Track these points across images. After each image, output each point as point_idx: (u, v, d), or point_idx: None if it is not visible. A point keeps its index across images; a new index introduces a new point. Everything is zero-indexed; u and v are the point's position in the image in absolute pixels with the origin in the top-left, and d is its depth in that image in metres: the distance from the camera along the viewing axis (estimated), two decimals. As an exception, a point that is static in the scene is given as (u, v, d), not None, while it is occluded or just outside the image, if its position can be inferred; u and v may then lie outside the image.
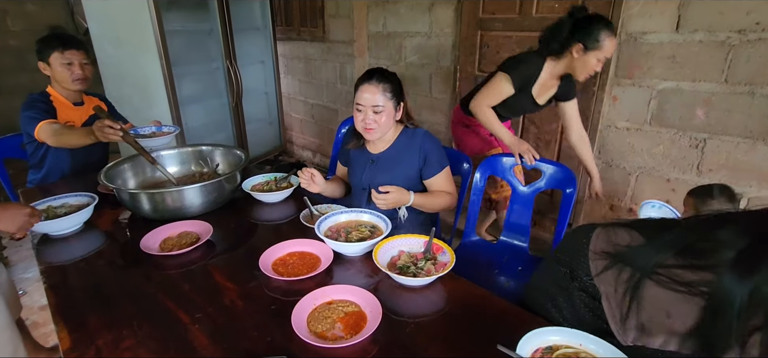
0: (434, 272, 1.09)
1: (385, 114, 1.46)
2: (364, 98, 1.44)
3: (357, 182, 1.64)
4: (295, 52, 4.28)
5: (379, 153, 1.59)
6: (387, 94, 1.45)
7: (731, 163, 1.95)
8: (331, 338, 0.91)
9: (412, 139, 1.56)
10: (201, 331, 0.95)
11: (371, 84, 1.44)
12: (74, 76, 1.85)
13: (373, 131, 1.48)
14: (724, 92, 1.89)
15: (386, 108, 1.45)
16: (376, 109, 1.44)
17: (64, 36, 1.86)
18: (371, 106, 1.44)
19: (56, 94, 1.90)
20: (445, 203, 1.56)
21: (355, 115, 1.50)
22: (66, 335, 0.94)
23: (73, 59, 1.85)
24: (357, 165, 1.65)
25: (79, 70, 1.86)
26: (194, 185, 1.43)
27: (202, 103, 3.33)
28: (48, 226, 1.34)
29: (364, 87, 1.45)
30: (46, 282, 1.13)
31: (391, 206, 1.46)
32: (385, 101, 1.45)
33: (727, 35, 1.84)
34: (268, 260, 1.18)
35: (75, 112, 1.94)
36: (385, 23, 3.23)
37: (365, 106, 1.45)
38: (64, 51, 1.83)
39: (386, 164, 1.57)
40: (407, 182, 1.53)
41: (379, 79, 1.44)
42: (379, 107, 1.44)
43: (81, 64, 1.88)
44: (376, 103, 1.44)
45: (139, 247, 1.25)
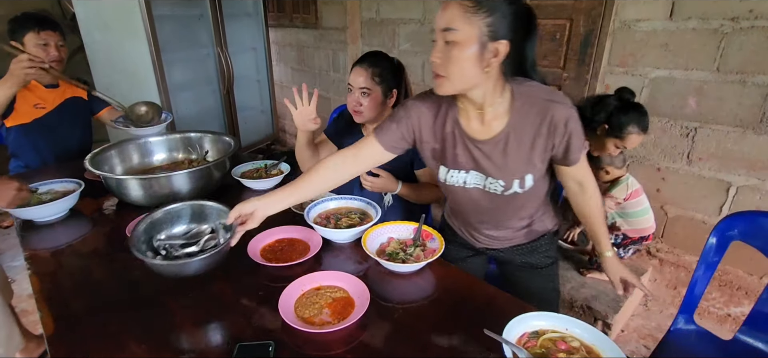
0: (423, 259, 1.09)
1: (371, 98, 1.46)
2: (353, 78, 1.47)
3: None
4: (287, 39, 4.23)
5: None
6: (375, 79, 1.44)
7: (721, 152, 1.96)
8: (318, 323, 0.91)
9: None
10: (188, 317, 0.95)
11: (362, 66, 1.45)
12: (50, 57, 1.81)
13: (359, 114, 1.49)
14: (715, 81, 1.89)
15: (373, 92, 1.45)
16: (363, 92, 1.45)
17: (39, 16, 1.81)
18: (359, 88, 1.45)
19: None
20: (433, 195, 1.56)
21: (348, 96, 1.51)
22: (50, 321, 0.93)
23: (49, 40, 1.80)
24: None
25: (55, 51, 1.82)
26: (182, 171, 1.41)
27: (192, 90, 3.28)
28: (33, 212, 1.32)
29: (356, 69, 1.46)
30: (31, 268, 1.12)
31: (378, 189, 1.47)
32: (373, 85, 1.45)
33: (721, 23, 1.83)
34: (256, 247, 1.18)
35: (47, 94, 1.89)
36: (378, 10, 3.20)
37: (354, 87, 1.47)
38: (40, 31, 1.78)
39: None
40: (399, 170, 1.52)
41: (371, 63, 1.45)
42: (367, 90, 1.45)
43: (57, 45, 1.83)
44: (363, 85, 1.44)
45: (126, 233, 1.23)
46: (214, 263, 1.00)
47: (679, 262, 2.22)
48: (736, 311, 1.99)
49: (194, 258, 0.96)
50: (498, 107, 0.98)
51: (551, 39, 2.36)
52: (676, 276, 2.19)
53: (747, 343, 1.25)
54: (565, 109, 0.95)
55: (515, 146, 0.99)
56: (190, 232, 1.13)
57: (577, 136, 0.97)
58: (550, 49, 2.39)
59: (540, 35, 2.40)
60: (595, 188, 1.11)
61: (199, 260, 0.96)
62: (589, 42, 2.21)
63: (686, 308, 1.33)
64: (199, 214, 1.15)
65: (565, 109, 0.95)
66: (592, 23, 2.19)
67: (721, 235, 1.26)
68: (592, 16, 2.18)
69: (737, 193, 1.97)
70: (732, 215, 1.25)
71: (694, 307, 1.32)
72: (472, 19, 0.86)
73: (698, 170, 2.05)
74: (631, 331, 1.95)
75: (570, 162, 1.01)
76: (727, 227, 1.26)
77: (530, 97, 0.96)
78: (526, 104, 0.97)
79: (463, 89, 0.95)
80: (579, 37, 2.26)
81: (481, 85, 0.94)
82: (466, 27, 0.87)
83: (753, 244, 1.24)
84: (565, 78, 2.38)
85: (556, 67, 2.39)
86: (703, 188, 2.06)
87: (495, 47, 0.88)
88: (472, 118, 1.02)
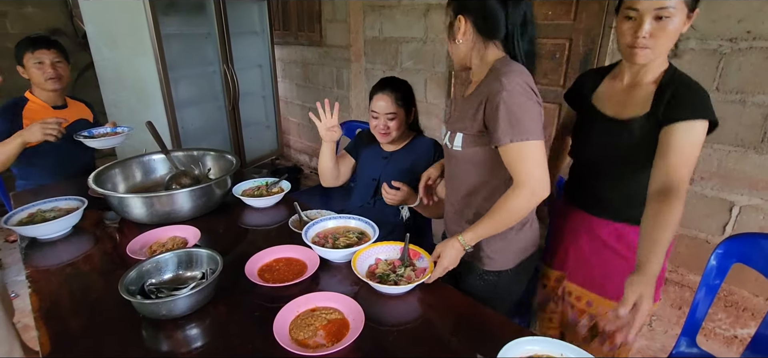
0: (414, 279, 1.09)
1: (398, 120, 1.59)
2: (378, 106, 1.58)
3: (367, 173, 1.71)
4: (292, 56, 4.29)
5: (392, 151, 1.69)
6: (399, 103, 1.58)
7: (722, 172, 1.95)
8: (312, 345, 0.91)
9: (424, 146, 1.67)
10: (185, 338, 0.95)
11: (385, 93, 1.57)
12: (46, 75, 1.85)
13: (386, 135, 1.61)
14: (715, 100, 1.86)
15: (398, 114, 1.59)
16: (390, 117, 1.57)
17: (33, 37, 1.87)
18: (385, 113, 1.57)
19: (35, 99, 1.90)
20: None
21: (371, 120, 1.63)
22: (47, 340, 0.93)
23: (43, 58, 1.85)
24: (369, 159, 1.73)
25: (50, 69, 1.86)
26: (184, 189, 1.43)
27: (198, 106, 3.33)
28: (37, 230, 1.34)
29: (378, 96, 1.58)
30: (31, 286, 1.13)
31: (398, 202, 1.53)
32: (397, 109, 1.58)
33: (719, 44, 1.84)
34: (254, 266, 1.18)
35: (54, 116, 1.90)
36: (382, 28, 3.24)
37: (380, 113, 1.58)
38: (34, 51, 1.83)
39: (399, 162, 1.66)
40: (416, 179, 1.54)
41: (392, 89, 1.57)
42: (392, 114, 1.57)
43: (52, 62, 1.87)
44: (389, 110, 1.57)
45: (126, 252, 1.25)
46: (200, 301, 1.01)
47: (683, 281, 2.19)
48: (743, 332, 1.96)
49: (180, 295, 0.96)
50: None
51: (551, 58, 2.38)
52: (681, 296, 2.16)
53: (750, 367, 1.23)
54: (500, 85, 0.97)
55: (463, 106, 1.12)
56: (181, 277, 1.12)
57: (503, 115, 0.97)
58: (550, 68, 2.40)
59: (539, 54, 2.43)
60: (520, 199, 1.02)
61: (184, 297, 0.96)
62: (589, 61, 2.23)
63: (688, 331, 1.31)
64: (188, 261, 1.14)
65: (500, 85, 0.98)
66: (591, 42, 2.20)
67: (722, 257, 1.25)
68: (591, 36, 2.20)
69: (741, 212, 1.95)
70: (732, 237, 1.25)
71: (696, 330, 1.30)
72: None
73: (700, 189, 2.04)
74: (636, 352, 1.92)
75: (493, 139, 1.01)
76: (727, 250, 1.25)
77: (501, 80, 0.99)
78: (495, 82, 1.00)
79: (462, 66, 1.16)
80: (579, 55, 2.27)
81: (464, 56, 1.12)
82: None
83: (754, 266, 1.22)
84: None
85: (557, 86, 2.41)
86: (706, 208, 2.04)
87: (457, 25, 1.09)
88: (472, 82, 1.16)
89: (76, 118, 2.02)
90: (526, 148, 0.98)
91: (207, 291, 1.02)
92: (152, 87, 2.85)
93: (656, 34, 1.00)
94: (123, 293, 0.96)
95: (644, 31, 1.00)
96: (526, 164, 1.00)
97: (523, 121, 0.97)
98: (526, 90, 0.99)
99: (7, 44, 3.43)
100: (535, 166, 1.00)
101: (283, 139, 4.61)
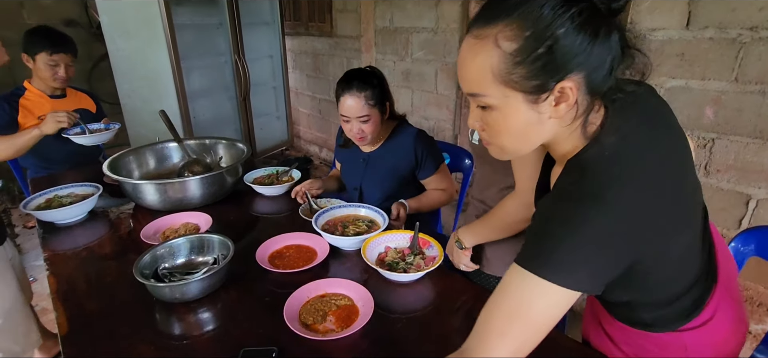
0: (424, 267, 1.09)
1: (372, 121, 1.42)
2: (347, 108, 1.39)
3: (350, 181, 1.65)
4: (302, 47, 4.29)
5: (370, 151, 1.58)
6: (370, 102, 1.39)
7: (740, 164, 1.91)
8: (322, 330, 0.92)
9: (405, 138, 1.52)
10: (195, 321, 0.97)
11: (352, 94, 1.38)
12: (57, 77, 1.86)
13: (362, 140, 1.46)
14: (734, 91, 1.85)
15: (372, 115, 1.41)
16: (362, 119, 1.40)
17: (53, 36, 1.84)
18: (356, 116, 1.40)
19: (33, 89, 1.90)
20: (439, 199, 1.56)
21: (343, 124, 1.46)
22: (65, 321, 0.96)
23: (60, 62, 1.85)
24: (350, 164, 1.65)
25: (63, 73, 1.87)
26: (196, 176, 1.45)
27: (210, 96, 3.36)
28: (54, 214, 1.37)
29: (345, 97, 1.39)
30: (49, 269, 1.16)
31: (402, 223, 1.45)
32: (369, 109, 1.40)
33: (739, 32, 1.79)
34: (264, 253, 1.20)
35: (52, 105, 1.92)
36: (392, 18, 3.22)
37: (350, 116, 1.41)
38: (52, 54, 1.82)
39: (378, 163, 1.56)
40: (399, 180, 1.53)
41: (360, 88, 1.37)
42: (365, 117, 1.40)
43: (66, 66, 1.87)
44: (361, 113, 1.39)
45: (140, 237, 1.27)
46: (212, 285, 1.03)
47: (696, 276, 2.16)
48: (758, 328, 1.92)
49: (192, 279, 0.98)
50: None
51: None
52: (694, 291, 2.13)
53: (765, 362, 1.22)
54: None
55: None
56: (193, 262, 1.14)
57: None
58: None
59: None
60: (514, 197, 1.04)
61: (196, 281, 0.98)
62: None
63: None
64: (200, 247, 1.16)
65: None
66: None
67: (737, 251, 1.23)
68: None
69: (758, 206, 1.91)
70: (747, 230, 1.22)
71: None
72: None
73: (716, 182, 2.00)
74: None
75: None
76: (743, 243, 1.23)
77: None
78: None
79: None
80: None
81: None
82: None
83: (771, 260, 1.20)
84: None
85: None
86: (722, 201, 2.00)
87: None
88: None
89: (75, 107, 2.01)
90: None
91: (219, 276, 1.03)
92: (165, 77, 2.88)
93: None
94: (137, 276, 0.98)
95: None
96: (525, 171, 0.96)
97: None
98: None
99: (25, 35, 3.49)
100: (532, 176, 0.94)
101: (294, 130, 4.63)
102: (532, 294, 0.60)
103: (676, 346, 0.78)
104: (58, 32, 1.88)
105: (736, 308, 0.82)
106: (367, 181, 1.58)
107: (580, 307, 1.89)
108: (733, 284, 0.85)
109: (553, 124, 0.64)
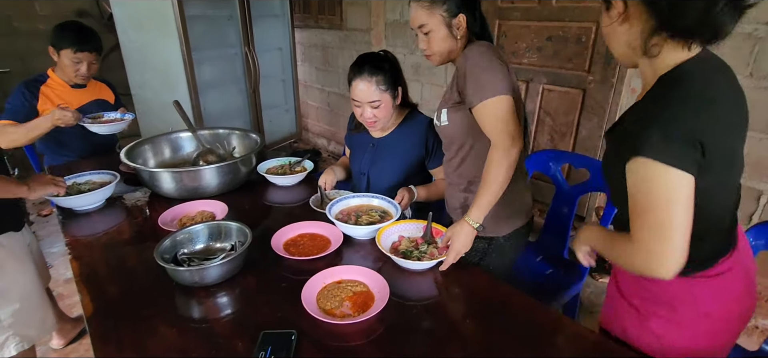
0: (438, 256, 1.11)
1: (383, 106, 1.42)
2: (359, 93, 1.39)
3: (357, 166, 1.64)
4: (312, 39, 4.30)
5: (380, 137, 1.58)
6: (381, 87, 1.39)
7: (753, 159, 1.90)
8: (339, 315, 0.94)
9: (416, 127, 1.52)
10: (215, 305, 1.00)
11: (363, 79, 1.38)
12: (79, 73, 1.89)
13: (374, 124, 1.46)
14: (748, 86, 1.84)
15: (383, 100, 1.41)
16: (373, 104, 1.40)
17: (81, 34, 1.86)
18: (367, 101, 1.40)
19: (56, 78, 1.93)
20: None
21: (354, 109, 1.47)
22: (89, 302, 0.99)
23: (84, 60, 1.87)
24: (358, 149, 1.64)
25: (85, 71, 1.90)
26: (211, 165, 1.47)
27: (220, 88, 3.38)
28: (73, 201, 1.40)
29: (357, 80, 1.40)
30: (72, 254, 1.19)
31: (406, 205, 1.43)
32: (381, 94, 1.39)
33: (755, 27, 1.78)
34: (279, 241, 1.22)
35: (72, 95, 1.96)
36: (403, 11, 3.22)
37: (361, 101, 1.41)
38: (77, 52, 1.84)
39: (387, 149, 1.56)
40: (408, 168, 1.53)
41: (371, 72, 1.38)
42: (376, 102, 1.40)
43: (89, 64, 1.90)
44: (372, 98, 1.39)
45: (157, 223, 1.30)
46: (231, 270, 1.06)
47: (706, 272, 2.16)
48: (765, 323, 1.92)
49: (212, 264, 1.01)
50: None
51: (577, 41, 2.34)
52: (703, 286, 2.13)
53: (774, 356, 1.22)
54: (464, 56, 1.12)
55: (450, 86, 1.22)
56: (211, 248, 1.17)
57: (471, 78, 1.09)
58: (575, 52, 2.36)
59: (566, 37, 2.39)
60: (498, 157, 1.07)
61: (215, 266, 1.01)
62: (616, 45, 2.18)
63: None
64: (218, 233, 1.18)
65: (464, 57, 1.12)
66: (619, 26, 2.15)
67: (749, 244, 1.23)
68: (619, 19, 2.14)
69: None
70: (759, 224, 1.23)
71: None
72: (433, 12, 1.12)
73: (728, 178, 1.99)
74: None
75: (467, 102, 1.12)
76: (754, 237, 1.23)
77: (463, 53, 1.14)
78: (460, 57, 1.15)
79: (449, 59, 1.20)
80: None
81: (455, 50, 1.17)
82: (431, 20, 1.12)
83: (782, 254, 1.20)
84: (590, 81, 2.35)
85: (582, 70, 2.36)
86: (733, 197, 2.00)
87: (457, 22, 1.13)
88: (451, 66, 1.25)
89: (95, 98, 2.04)
90: (490, 106, 1.06)
91: (237, 261, 1.05)
92: (176, 69, 2.91)
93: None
94: (158, 260, 1.00)
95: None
96: (495, 123, 1.07)
97: (483, 81, 1.07)
98: (485, 53, 1.10)
99: (38, 26, 3.52)
100: (501, 122, 1.06)
101: (302, 122, 4.65)
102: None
103: (686, 295, 0.84)
104: (86, 30, 1.90)
105: (747, 281, 0.87)
106: (375, 167, 1.58)
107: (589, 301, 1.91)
108: (748, 259, 0.90)
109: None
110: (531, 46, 2.57)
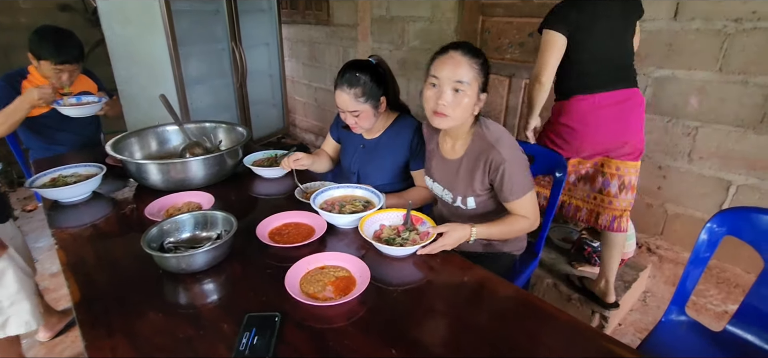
0: (419, 242, 1.15)
1: (363, 115, 1.46)
2: (339, 101, 1.46)
3: (347, 164, 1.69)
4: (299, 35, 4.31)
5: (370, 139, 1.62)
6: (360, 99, 1.43)
7: (722, 152, 1.98)
8: (321, 298, 0.98)
9: (405, 129, 1.56)
10: (202, 291, 1.03)
11: (343, 89, 1.43)
12: (61, 82, 1.87)
13: (356, 129, 1.53)
14: (718, 81, 1.92)
15: (362, 110, 1.45)
16: (353, 113, 1.46)
17: (61, 45, 1.82)
18: (347, 110, 1.46)
19: (36, 73, 1.91)
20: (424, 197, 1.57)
21: (340, 113, 1.53)
22: (76, 289, 1.01)
23: (65, 71, 1.85)
24: (349, 147, 1.68)
25: (66, 79, 1.88)
26: (198, 157, 1.49)
27: (207, 83, 3.38)
28: (59, 193, 1.41)
29: (337, 91, 1.45)
30: (58, 244, 1.21)
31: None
32: (359, 105, 1.44)
33: (724, 24, 1.86)
34: (264, 230, 1.25)
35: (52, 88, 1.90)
36: (389, 7, 3.25)
37: (342, 110, 1.48)
38: (57, 65, 1.82)
39: (376, 152, 1.60)
40: (396, 170, 1.59)
41: (350, 84, 1.42)
42: (355, 112, 1.45)
43: (71, 72, 1.88)
44: (350, 108, 1.44)
45: (144, 214, 1.32)
46: (217, 257, 1.09)
47: (678, 259, 2.24)
48: (733, 307, 2.00)
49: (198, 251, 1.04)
50: (466, 138, 1.30)
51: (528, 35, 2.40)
52: (675, 273, 2.22)
53: (736, 334, 1.29)
54: (501, 157, 1.20)
55: (464, 171, 1.30)
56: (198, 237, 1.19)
57: (508, 180, 1.21)
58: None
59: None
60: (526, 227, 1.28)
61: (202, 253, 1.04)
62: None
63: (677, 301, 1.37)
64: (204, 222, 1.21)
65: (501, 157, 1.20)
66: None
67: (712, 230, 1.29)
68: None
69: (737, 192, 1.99)
70: (723, 211, 1.29)
71: (685, 299, 1.36)
72: (476, 76, 1.17)
73: (699, 169, 2.08)
74: (628, 325, 1.99)
75: (501, 196, 1.26)
76: (719, 223, 1.29)
77: (482, 138, 1.25)
78: (478, 141, 1.26)
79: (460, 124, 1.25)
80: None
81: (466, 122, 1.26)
82: (473, 82, 1.17)
83: (745, 239, 1.27)
84: (570, 76, 2.41)
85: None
86: (704, 187, 2.09)
87: (483, 97, 1.22)
88: (447, 142, 1.35)
89: (78, 91, 2.01)
90: (526, 201, 1.24)
91: (223, 248, 1.09)
92: (163, 63, 2.90)
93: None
94: (145, 247, 1.03)
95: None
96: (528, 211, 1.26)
97: (520, 181, 1.22)
98: (516, 147, 1.24)
99: (20, 19, 3.47)
100: (532, 210, 1.27)
101: (290, 117, 4.67)
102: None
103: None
104: (66, 39, 1.85)
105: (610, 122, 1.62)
106: (365, 168, 1.62)
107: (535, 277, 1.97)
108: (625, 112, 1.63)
109: None
110: (513, 41, 2.63)
